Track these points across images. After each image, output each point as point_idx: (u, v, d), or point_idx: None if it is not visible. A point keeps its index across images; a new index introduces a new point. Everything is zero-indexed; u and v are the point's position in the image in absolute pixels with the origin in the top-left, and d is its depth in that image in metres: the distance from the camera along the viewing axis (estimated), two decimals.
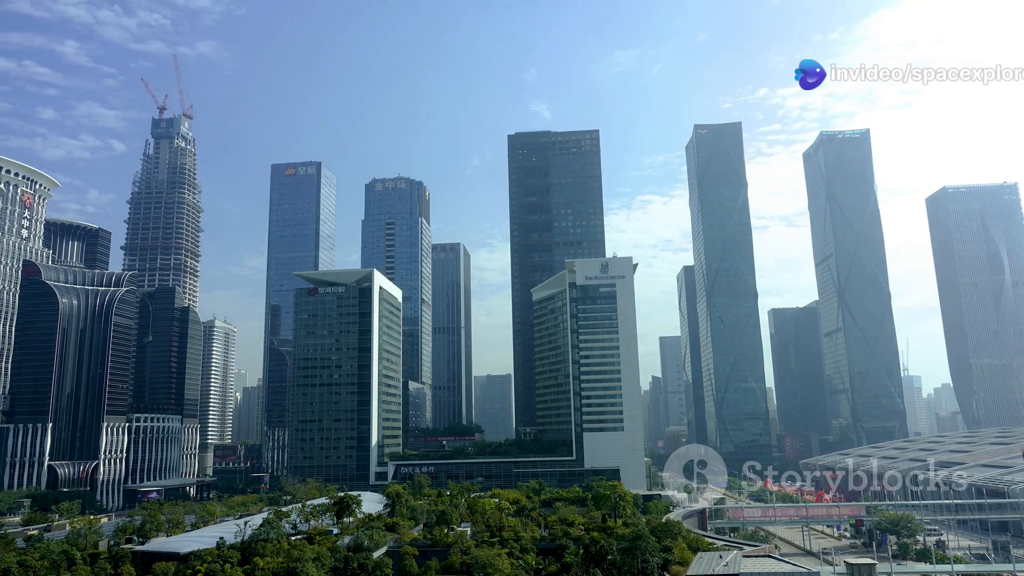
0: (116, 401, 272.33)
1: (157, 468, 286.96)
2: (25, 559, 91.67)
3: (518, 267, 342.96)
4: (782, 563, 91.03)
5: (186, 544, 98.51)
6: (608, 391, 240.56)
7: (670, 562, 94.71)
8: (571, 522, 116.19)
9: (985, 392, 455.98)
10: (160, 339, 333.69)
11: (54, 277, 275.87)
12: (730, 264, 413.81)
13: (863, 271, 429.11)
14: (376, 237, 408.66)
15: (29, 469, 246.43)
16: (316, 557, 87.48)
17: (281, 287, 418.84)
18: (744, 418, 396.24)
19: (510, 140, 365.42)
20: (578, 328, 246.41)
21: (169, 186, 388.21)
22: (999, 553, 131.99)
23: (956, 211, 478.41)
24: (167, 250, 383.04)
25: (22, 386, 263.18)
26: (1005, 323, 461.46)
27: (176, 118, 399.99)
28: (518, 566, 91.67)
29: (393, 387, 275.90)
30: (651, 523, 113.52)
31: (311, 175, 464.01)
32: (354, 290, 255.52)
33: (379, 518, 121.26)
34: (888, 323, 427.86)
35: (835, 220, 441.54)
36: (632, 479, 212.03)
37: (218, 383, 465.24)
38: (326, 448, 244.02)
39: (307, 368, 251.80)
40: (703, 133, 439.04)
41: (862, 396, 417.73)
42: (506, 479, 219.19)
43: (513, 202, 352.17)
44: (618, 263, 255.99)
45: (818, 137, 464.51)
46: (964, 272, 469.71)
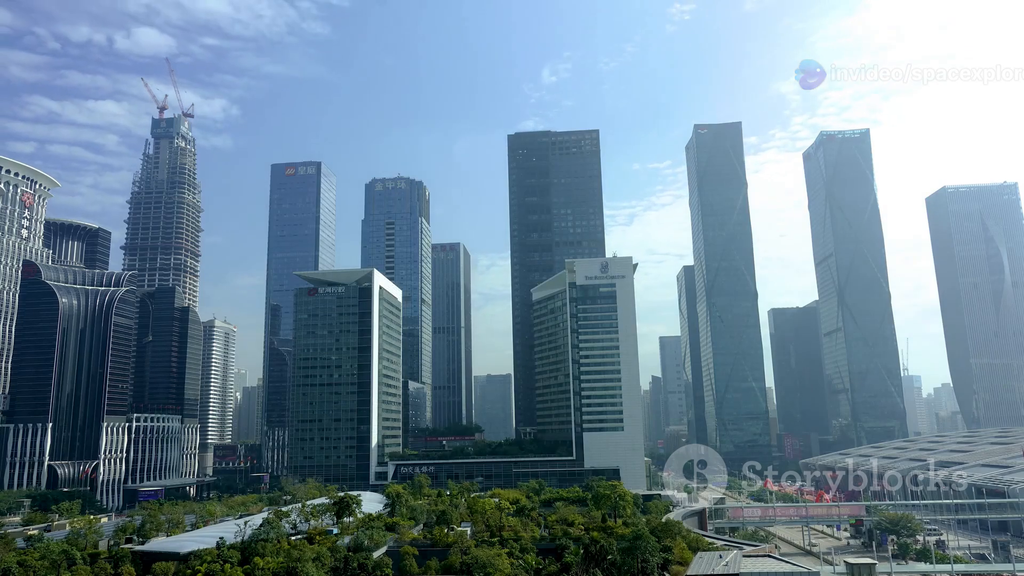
0: (116, 401, 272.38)
1: (157, 468, 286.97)
2: (25, 559, 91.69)
3: (518, 267, 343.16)
4: (782, 563, 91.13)
5: (186, 544, 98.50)
6: (608, 391, 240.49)
7: (670, 562, 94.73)
8: (571, 522, 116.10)
9: (985, 392, 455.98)
10: (160, 339, 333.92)
11: (54, 277, 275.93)
12: (730, 264, 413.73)
13: (863, 271, 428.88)
14: (376, 237, 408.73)
15: (29, 469, 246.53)
16: (316, 557, 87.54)
17: (281, 287, 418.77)
18: (744, 418, 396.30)
19: (510, 140, 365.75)
20: (578, 328, 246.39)
21: (169, 186, 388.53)
22: (999, 553, 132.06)
23: (956, 211, 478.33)
24: (167, 250, 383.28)
25: (22, 386, 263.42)
26: (1005, 323, 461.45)
27: (176, 118, 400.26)
28: (518, 566, 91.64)
29: (393, 387, 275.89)
30: (651, 523, 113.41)
31: (311, 175, 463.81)
32: (354, 290, 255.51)
33: (379, 518, 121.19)
34: (888, 323, 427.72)
35: (835, 220, 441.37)
36: (632, 479, 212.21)
37: (218, 383, 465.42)
38: (326, 448, 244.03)
39: (307, 368, 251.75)
40: (703, 133, 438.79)
41: (862, 396, 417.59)
42: (506, 479, 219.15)
43: (513, 202, 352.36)
44: (618, 263, 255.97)
45: (818, 137, 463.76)
46: (964, 272, 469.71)
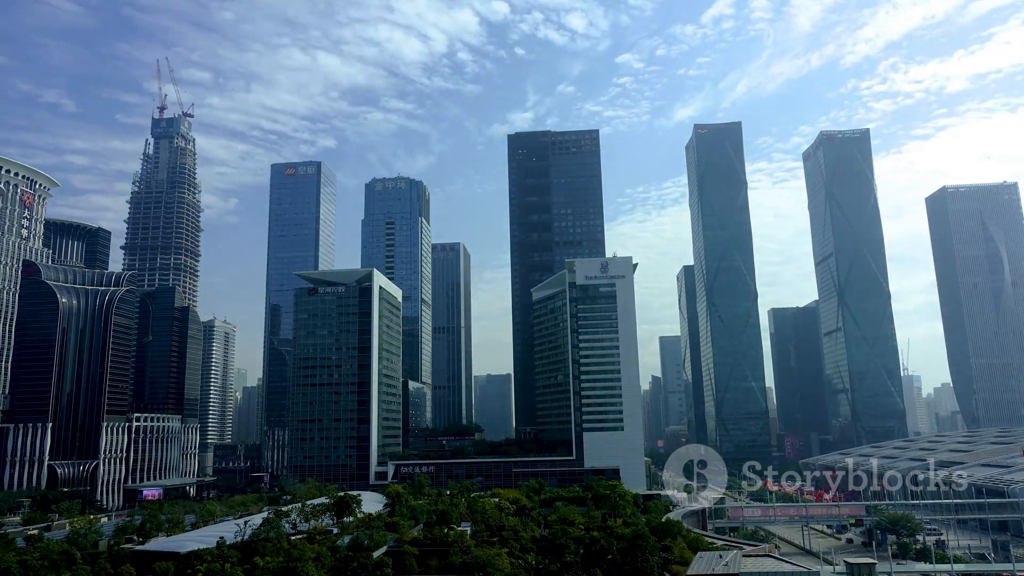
0: (116, 401, 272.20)
1: (157, 468, 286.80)
2: (25, 559, 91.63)
3: (518, 267, 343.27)
4: (782, 563, 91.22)
5: (186, 544, 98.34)
6: (608, 391, 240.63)
7: (670, 561, 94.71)
8: (571, 522, 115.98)
9: (985, 392, 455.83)
10: (160, 339, 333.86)
11: (54, 277, 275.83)
12: (730, 264, 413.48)
13: (863, 271, 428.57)
14: (376, 237, 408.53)
15: (29, 469, 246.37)
16: (316, 557, 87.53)
17: (281, 287, 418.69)
18: (744, 418, 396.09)
19: (510, 140, 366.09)
20: (578, 328, 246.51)
21: (169, 186, 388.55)
22: (999, 552, 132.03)
23: (956, 211, 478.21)
24: (167, 250, 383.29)
25: (22, 386, 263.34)
26: (1005, 323, 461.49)
27: (176, 118, 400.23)
28: (518, 566, 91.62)
29: (393, 387, 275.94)
30: (651, 523, 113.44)
31: (311, 175, 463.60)
32: (354, 290, 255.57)
33: (379, 518, 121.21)
34: (888, 323, 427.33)
35: (835, 220, 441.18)
36: (632, 479, 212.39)
37: (218, 383, 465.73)
38: (326, 448, 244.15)
39: (307, 368, 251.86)
40: (703, 133, 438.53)
41: (862, 396, 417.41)
42: (506, 479, 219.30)
43: (513, 202, 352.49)
44: (618, 263, 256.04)
45: (818, 137, 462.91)
46: (964, 272, 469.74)
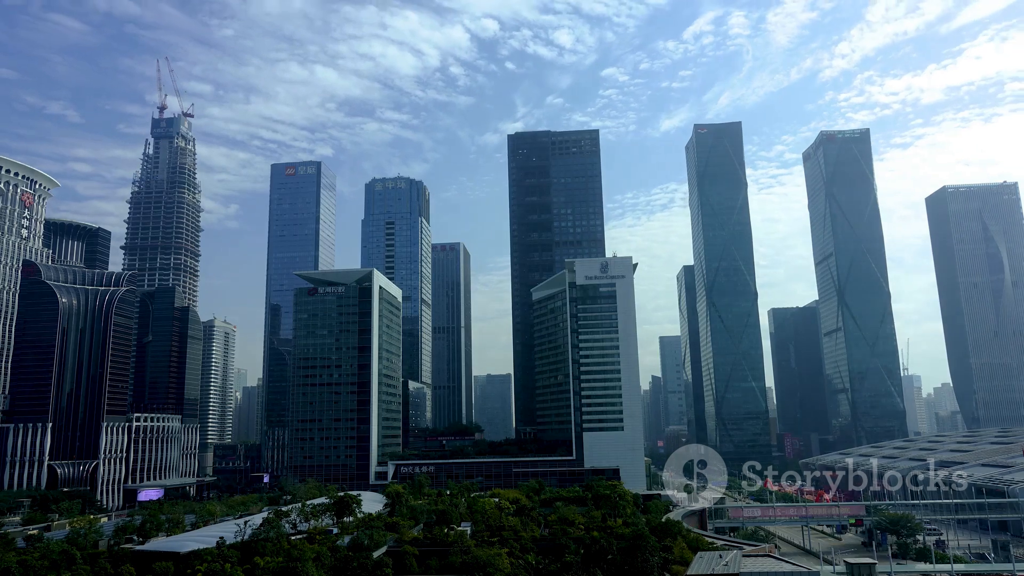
0: (116, 401, 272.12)
1: (157, 468, 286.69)
2: (25, 559, 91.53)
3: (518, 267, 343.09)
4: (782, 563, 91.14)
5: (186, 544, 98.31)
6: (608, 391, 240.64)
7: (670, 561, 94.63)
8: (571, 522, 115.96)
9: (985, 392, 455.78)
10: (160, 339, 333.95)
11: (54, 277, 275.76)
12: (730, 264, 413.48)
13: (863, 271, 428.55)
14: (376, 237, 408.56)
15: (29, 469, 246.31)
16: (316, 556, 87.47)
17: (281, 287, 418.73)
18: (744, 418, 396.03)
19: (510, 140, 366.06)
20: (578, 328, 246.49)
21: (169, 186, 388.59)
22: (999, 553, 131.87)
23: (956, 211, 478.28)
24: (167, 250, 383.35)
25: (22, 386, 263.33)
26: (1005, 323, 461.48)
27: (176, 118, 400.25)
28: (518, 566, 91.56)
29: (393, 387, 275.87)
30: (651, 523, 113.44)
31: (311, 175, 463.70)
32: (354, 290, 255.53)
33: (379, 518, 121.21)
34: (888, 323, 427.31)
35: (835, 220, 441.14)
36: (632, 479, 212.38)
37: (218, 383, 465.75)
38: (326, 448, 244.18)
39: (307, 368, 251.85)
40: (703, 133, 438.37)
41: (862, 396, 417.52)
42: (506, 479, 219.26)
43: (513, 202, 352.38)
44: (618, 263, 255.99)
45: (818, 137, 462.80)
46: (964, 272, 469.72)
